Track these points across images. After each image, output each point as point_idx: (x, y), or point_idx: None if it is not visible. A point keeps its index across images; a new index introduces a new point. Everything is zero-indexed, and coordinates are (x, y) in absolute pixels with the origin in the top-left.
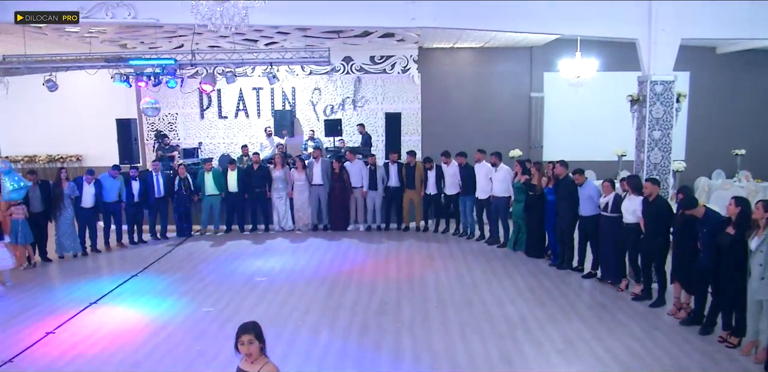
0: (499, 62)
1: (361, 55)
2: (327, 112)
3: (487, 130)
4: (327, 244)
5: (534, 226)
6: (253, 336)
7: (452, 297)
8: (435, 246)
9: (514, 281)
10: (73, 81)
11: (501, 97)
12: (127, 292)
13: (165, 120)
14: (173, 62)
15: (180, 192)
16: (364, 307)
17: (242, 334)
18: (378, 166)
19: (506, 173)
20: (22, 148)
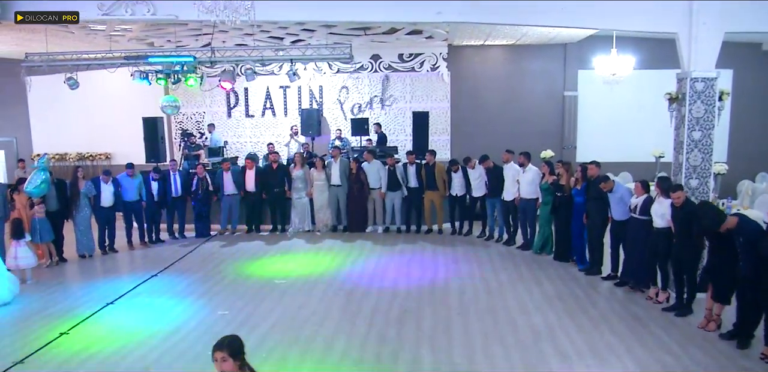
0: (531, 60)
1: (389, 53)
2: (354, 111)
3: (519, 130)
4: (347, 246)
5: (561, 229)
6: (227, 353)
7: (476, 304)
8: (460, 249)
9: (541, 288)
10: (103, 79)
11: (533, 96)
12: (145, 292)
13: (192, 119)
14: (192, 59)
15: (198, 191)
16: (384, 313)
17: (215, 350)
18: (396, 167)
19: (534, 174)
20: (53, 147)
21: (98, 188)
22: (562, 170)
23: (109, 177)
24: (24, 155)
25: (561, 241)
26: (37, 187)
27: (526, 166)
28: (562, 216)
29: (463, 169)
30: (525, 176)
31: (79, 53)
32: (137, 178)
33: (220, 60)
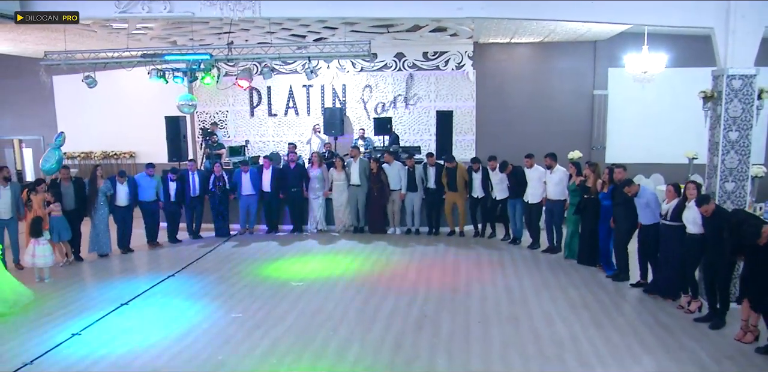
0: (559, 58)
1: (413, 51)
2: (378, 110)
3: (546, 130)
4: (366, 247)
5: (586, 232)
6: None
7: (497, 311)
8: (484, 252)
9: (566, 295)
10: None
11: (561, 95)
12: (161, 292)
13: (216, 117)
14: (208, 57)
15: (215, 191)
16: (401, 319)
17: None
18: (416, 168)
19: (562, 175)
20: (78, 145)
21: (114, 187)
22: (589, 172)
23: (124, 178)
24: None
25: (586, 245)
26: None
27: (554, 167)
28: (587, 218)
29: (484, 170)
30: (552, 177)
31: (97, 51)
32: (156, 177)
33: (237, 58)
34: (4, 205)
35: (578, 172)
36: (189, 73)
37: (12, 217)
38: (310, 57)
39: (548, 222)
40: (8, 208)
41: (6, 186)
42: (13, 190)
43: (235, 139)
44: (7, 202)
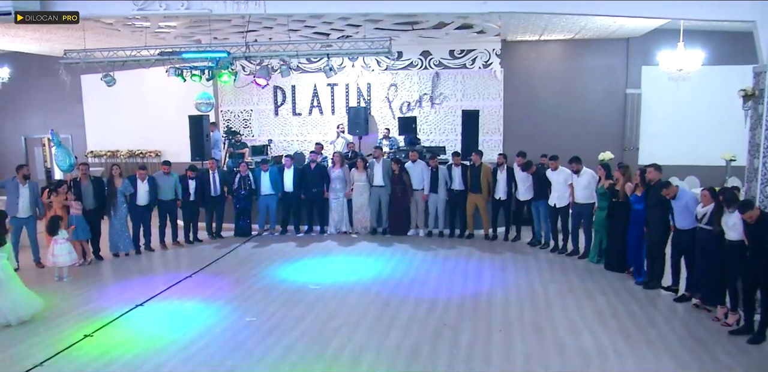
0: (591, 55)
1: (439, 49)
2: (403, 110)
3: (576, 131)
4: (387, 250)
5: (616, 237)
6: None
7: (520, 319)
8: (508, 256)
9: (594, 303)
10: (154, 77)
11: (593, 94)
12: (177, 294)
13: (240, 117)
14: (226, 55)
15: (240, 190)
16: (420, 326)
17: None
18: (440, 168)
19: (590, 178)
20: (106, 144)
21: (134, 186)
22: (619, 174)
23: (146, 173)
24: (78, 152)
25: (614, 250)
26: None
27: (581, 171)
28: (617, 223)
29: (509, 169)
30: (580, 180)
31: (116, 49)
32: (173, 176)
33: (254, 55)
34: (23, 203)
35: (607, 174)
36: (207, 71)
37: (31, 215)
38: (329, 54)
39: (575, 226)
40: (27, 206)
41: (25, 184)
42: (32, 188)
43: (259, 138)
44: (26, 201)
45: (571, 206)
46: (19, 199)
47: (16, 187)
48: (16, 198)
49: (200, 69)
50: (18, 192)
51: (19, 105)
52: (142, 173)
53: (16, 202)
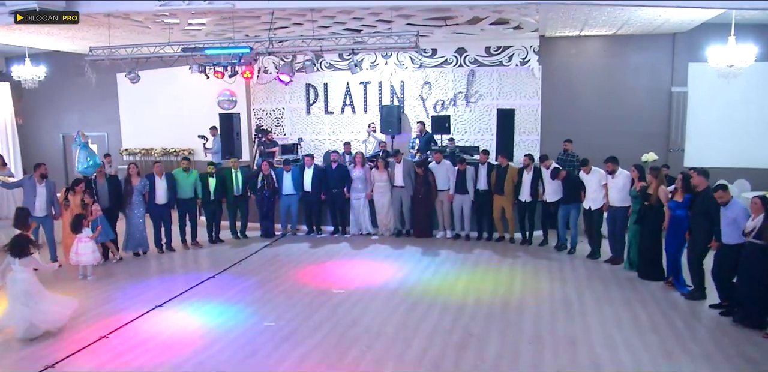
0: (634, 52)
1: (475, 46)
2: (437, 108)
3: (618, 131)
4: (416, 253)
5: (646, 243)
6: None
7: (552, 331)
8: (542, 262)
9: (633, 314)
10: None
11: (636, 93)
12: (197, 295)
13: (272, 115)
14: (248, 51)
15: (263, 190)
16: (444, 335)
17: None
18: (467, 168)
19: (626, 180)
20: (140, 142)
21: (152, 184)
22: (651, 177)
23: (161, 166)
24: (113, 150)
25: (646, 257)
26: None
27: (616, 172)
28: (648, 228)
29: (536, 170)
30: (615, 182)
31: (139, 46)
32: (192, 173)
33: (277, 51)
34: (39, 202)
35: (641, 176)
36: (229, 67)
37: (47, 214)
38: (354, 49)
39: (610, 230)
40: (44, 205)
41: (42, 183)
42: (49, 187)
43: (291, 137)
44: (42, 200)
45: (605, 209)
46: (36, 198)
47: (33, 186)
48: (33, 197)
49: (223, 65)
50: (35, 191)
51: (57, 103)
52: (158, 167)
53: (33, 201)
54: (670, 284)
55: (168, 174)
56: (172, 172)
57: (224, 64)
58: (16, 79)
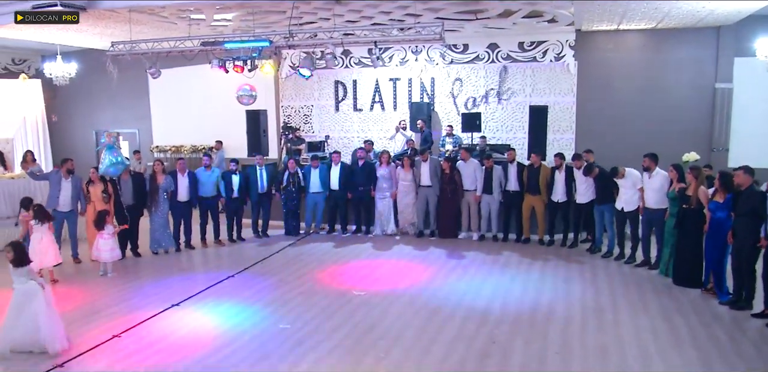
0: (675, 46)
1: (508, 41)
2: (468, 106)
3: (659, 129)
4: (440, 255)
5: (686, 248)
6: None
7: (582, 341)
8: (575, 266)
9: (670, 324)
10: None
11: (677, 90)
12: (215, 294)
13: (300, 112)
14: (268, 44)
15: (289, 188)
16: (466, 343)
17: None
18: (495, 167)
19: (663, 180)
20: (170, 139)
21: (175, 182)
22: (691, 177)
23: (184, 164)
24: (144, 147)
25: (683, 262)
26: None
27: (653, 171)
28: (687, 232)
29: (568, 169)
30: (652, 182)
31: (160, 41)
32: (215, 171)
33: (297, 44)
34: (64, 197)
35: (680, 177)
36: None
37: (71, 210)
38: (377, 42)
39: (645, 233)
40: (68, 200)
41: (68, 178)
42: (75, 183)
43: (319, 134)
44: (67, 195)
45: (641, 211)
46: (61, 193)
47: (58, 181)
48: (58, 191)
49: (242, 59)
50: (60, 185)
51: (91, 100)
52: (180, 164)
53: (57, 196)
54: (708, 292)
55: (190, 172)
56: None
57: (244, 58)
58: (47, 76)
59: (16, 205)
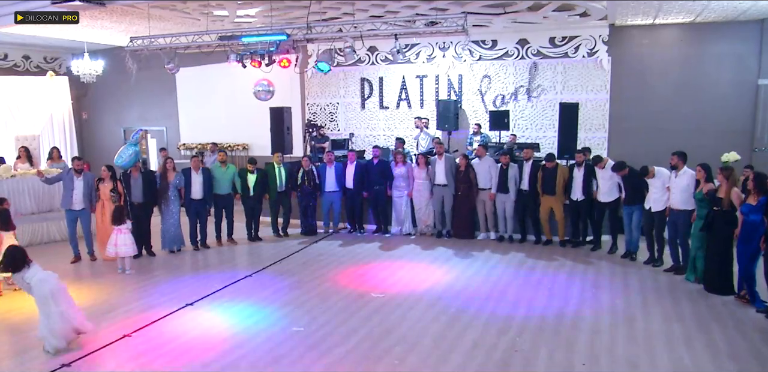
0: (715, 41)
1: (538, 37)
2: (497, 103)
3: (697, 128)
4: (462, 257)
5: (716, 252)
6: None
7: (611, 351)
8: (606, 270)
9: (708, 335)
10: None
11: (717, 86)
12: (231, 294)
13: (326, 110)
14: (285, 37)
15: (304, 186)
16: (487, 351)
17: None
18: (511, 165)
19: (689, 179)
20: (197, 137)
21: (188, 179)
22: (721, 178)
23: (199, 160)
24: (171, 144)
25: (714, 268)
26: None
27: (680, 169)
28: (717, 236)
29: (588, 167)
30: (678, 182)
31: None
32: (230, 168)
33: (315, 38)
34: (77, 195)
35: (708, 177)
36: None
37: (84, 208)
38: (397, 35)
39: (672, 235)
40: (80, 198)
41: (79, 177)
42: (86, 180)
43: (345, 132)
44: (79, 193)
45: (667, 212)
46: (74, 192)
47: (71, 180)
48: (71, 190)
49: (260, 53)
50: (73, 184)
51: (119, 98)
52: (194, 161)
53: (70, 195)
54: (742, 299)
55: (204, 169)
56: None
57: (261, 52)
58: (74, 74)
59: (41, 202)
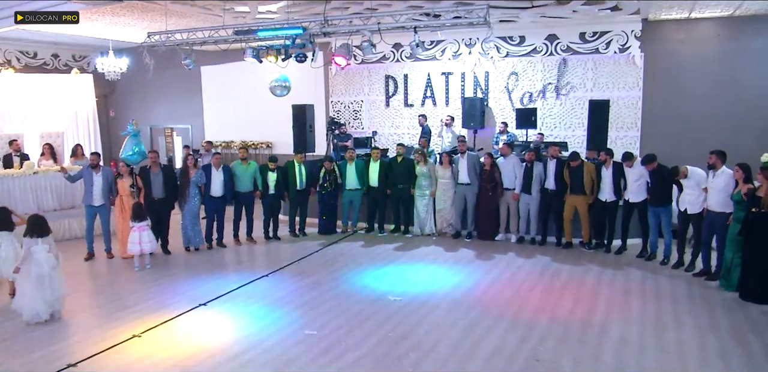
0: (755, 36)
1: (568, 32)
2: (524, 101)
3: (735, 127)
4: (481, 258)
5: (754, 257)
6: None
7: (639, 364)
8: (635, 276)
9: (746, 348)
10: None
11: (756, 83)
12: (246, 294)
13: (350, 108)
14: (302, 31)
15: (325, 185)
16: (506, 359)
17: None
18: (536, 164)
19: (728, 180)
20: (222, 134)
21: (208, 176)
22: (762, 178)
23: (220, 158)
24: (196, 142)
25: (751, 274)
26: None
27: (718, 169)
28: (756, 240)
29: (617, 165)
30: (716, 182)
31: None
32: (251, 165)
33: (333, 31)
34: (96, 191)
35: (747, 177)
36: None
37: (103, 204)
38: (416, 28)
39: (707, 239)
40: (100, 194)
41: (99, 173)
42: (105, 176)
43: (369, 130)
44: (98, 189)
45: (704, 214)
46: (93, 188)
47: (90, 176)
48: (91, 186)
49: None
50: (92, 180)
51: (146, 96)
52: (216, 158)
53: (90, 191)
54: None
55: (225, 166)
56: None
57: (277, 47)
58: (99, 71)
59: (63, 198)
